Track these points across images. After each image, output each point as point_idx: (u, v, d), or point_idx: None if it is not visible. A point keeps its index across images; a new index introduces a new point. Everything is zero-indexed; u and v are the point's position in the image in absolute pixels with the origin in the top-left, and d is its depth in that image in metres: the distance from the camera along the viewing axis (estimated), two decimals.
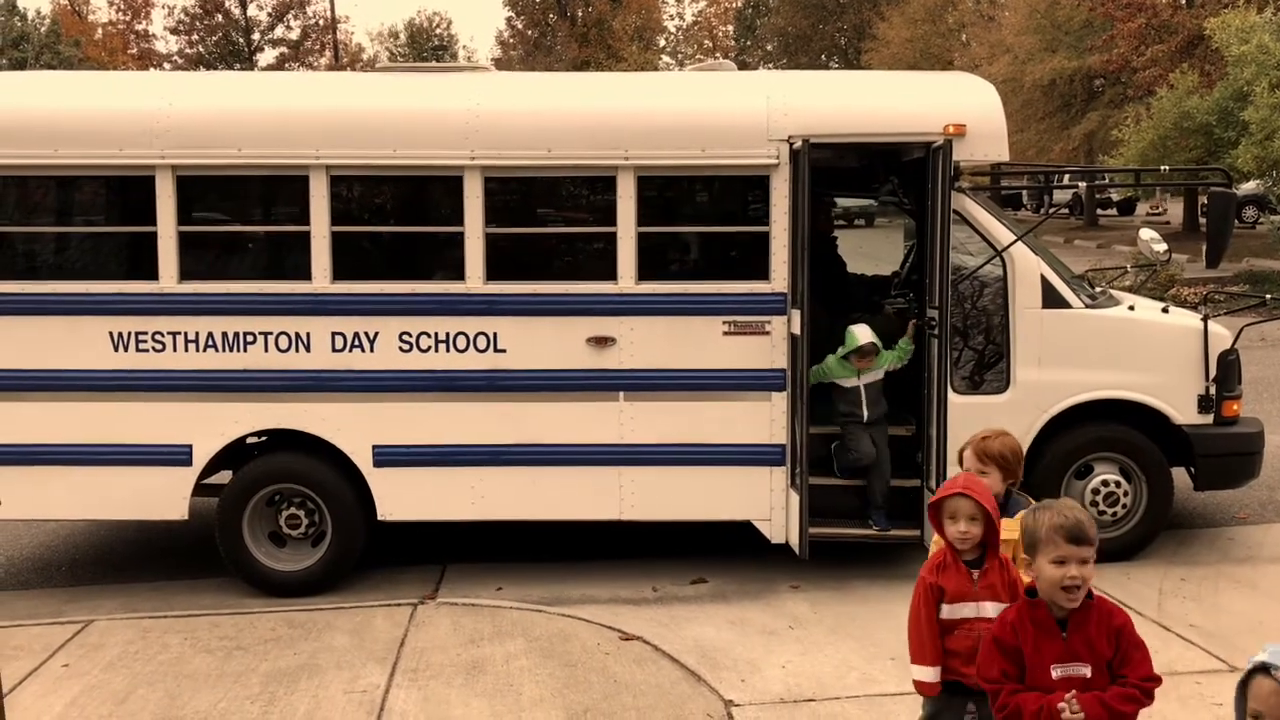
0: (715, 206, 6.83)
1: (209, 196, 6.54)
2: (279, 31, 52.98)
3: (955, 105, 6.41)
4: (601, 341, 6.33)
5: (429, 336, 6.33)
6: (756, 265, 6.35)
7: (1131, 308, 6.82)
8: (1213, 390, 6.57)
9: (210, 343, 6.30)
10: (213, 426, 6.35)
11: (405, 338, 6.33)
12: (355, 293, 6.31)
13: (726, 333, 6.33)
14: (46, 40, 33.86)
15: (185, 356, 6.30)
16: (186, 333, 6.30)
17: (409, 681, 5.19)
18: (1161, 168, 9.66)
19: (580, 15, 50.75)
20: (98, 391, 6.31)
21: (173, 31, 53.27)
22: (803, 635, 5.70)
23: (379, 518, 6.45)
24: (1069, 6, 30.67)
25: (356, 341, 6.32)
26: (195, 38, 52.03)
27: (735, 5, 63.86)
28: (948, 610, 3.51)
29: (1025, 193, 32.34)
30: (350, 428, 6.36)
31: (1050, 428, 6.53)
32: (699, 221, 6.77)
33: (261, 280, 6.39)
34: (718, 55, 48.87)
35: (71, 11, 49.46)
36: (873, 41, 49.32)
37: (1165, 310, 6.97)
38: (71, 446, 6.35)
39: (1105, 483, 6.60)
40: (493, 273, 6.32)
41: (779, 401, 6.34)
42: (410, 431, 6.37)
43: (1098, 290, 7.19)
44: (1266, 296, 8.62)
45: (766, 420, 6.36)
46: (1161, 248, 8.02)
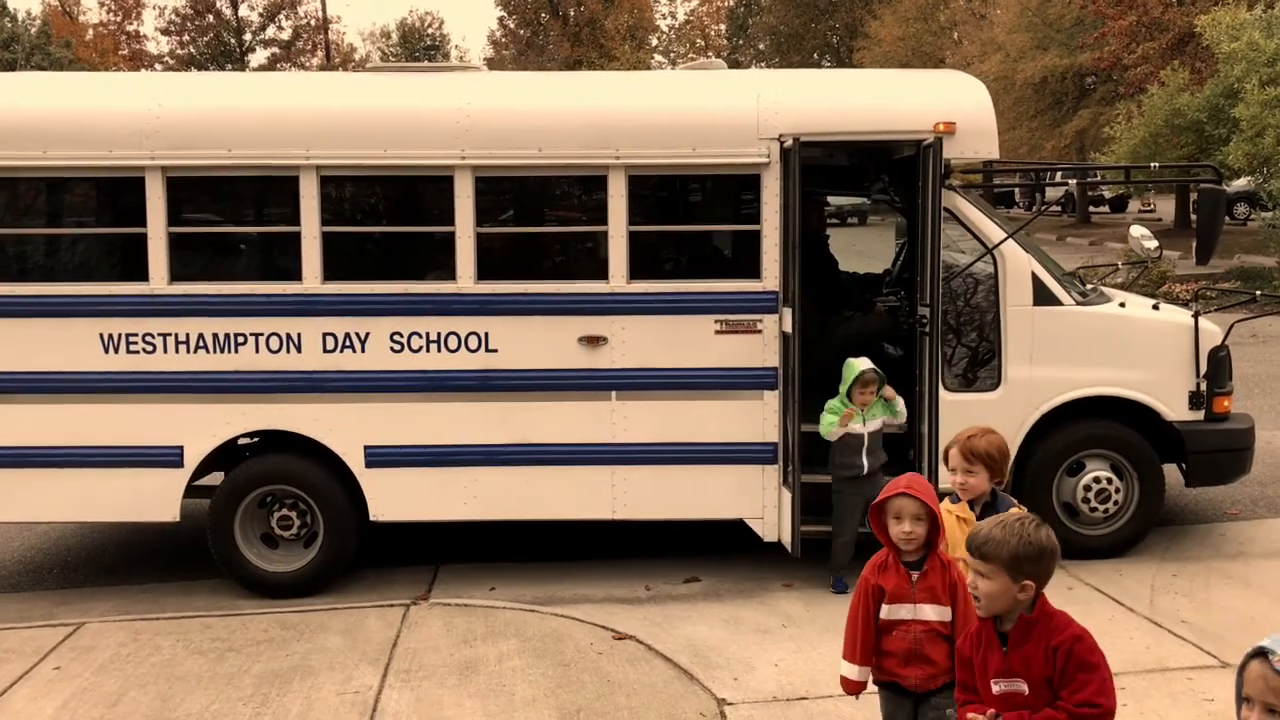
0: (706, 205, 6.83)
1: (199, 197, 6.52)
2: (270, 32, 53.00)
3: (945, 103, 6.42)
4: (593, 341, 6.33)
5: (420, 337, 6.32)
6: (748, 264, 6.36)
7: (1123, 304, 6.83)
8: (1204, 387, 6.58)
9: (201, 344, 6.29)
10: (204, 428, 6.33)
11: (396, 338, 6.32)
12: (346, 293, 6.30)
13: (718, 331, 6.33)
14: (37, 41, 33.74)
15: (176, 358, 6.29)
16: (177, 334, 6.29)
17: (402, 682, 5.18)
18: (1152, 164, 9.68)
19: (573, 14, 50.78)
20: (88, 393, 6.29)
21: (164, 32, 53.32)
22: (796, 634, 5.70)
23: (371, 518, 6.44)
24: (1060, 4, 30.76)
25: (348, 342, 6.31)
26: (186, 38, 52.00)
27: (727, 4, 63.88)
28: (886, 611, 3.48)
29: (1017, 190, 32.48)
30: (342, 428, 6.35)
31: (1042, 425, 6.54)
32: (690, 220, 6.78)
33: (252, 281, 6.38)
34: (710, 54, 48.88)
35: (62, 12, 49.31)
36: (865, 40, 49.47)
37: (1156, 307, 6.98)
38: (62, 449, 6.32)
39: (1097, 479, 6.60)
40: (484, 273, 6.31)
41: (771, 400, 6.34)
42: (402, 432, 6.36)
43: (1089, 287, 7.20)
44: (1257, 293, 8.63)
45: (758, 419, 6.36)
46: (1152, 245, 8.04)
